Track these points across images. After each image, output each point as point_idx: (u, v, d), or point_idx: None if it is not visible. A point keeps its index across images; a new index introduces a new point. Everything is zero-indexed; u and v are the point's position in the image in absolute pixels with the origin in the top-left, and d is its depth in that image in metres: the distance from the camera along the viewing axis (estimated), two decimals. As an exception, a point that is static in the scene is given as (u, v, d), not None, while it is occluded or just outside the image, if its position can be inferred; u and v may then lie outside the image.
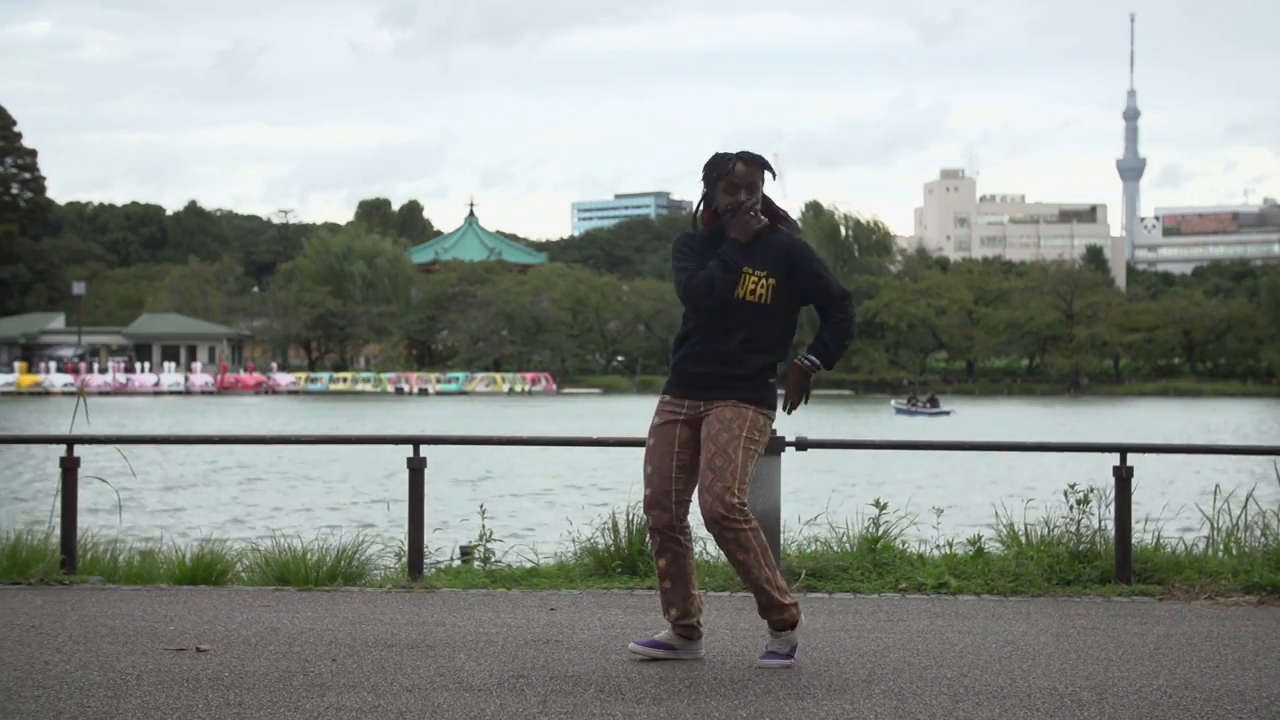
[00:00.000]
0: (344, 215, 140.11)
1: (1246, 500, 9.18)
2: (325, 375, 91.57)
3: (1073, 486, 8.56)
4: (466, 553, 9.18)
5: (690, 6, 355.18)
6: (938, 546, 9.00)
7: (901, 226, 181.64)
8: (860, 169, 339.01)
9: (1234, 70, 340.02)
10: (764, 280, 5.85)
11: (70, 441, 8.73)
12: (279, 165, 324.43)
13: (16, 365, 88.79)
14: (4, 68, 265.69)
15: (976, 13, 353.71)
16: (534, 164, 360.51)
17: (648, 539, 7.07)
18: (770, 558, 5.86)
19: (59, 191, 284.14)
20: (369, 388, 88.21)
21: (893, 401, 63.28)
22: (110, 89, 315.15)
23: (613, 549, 8.59)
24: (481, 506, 9.51)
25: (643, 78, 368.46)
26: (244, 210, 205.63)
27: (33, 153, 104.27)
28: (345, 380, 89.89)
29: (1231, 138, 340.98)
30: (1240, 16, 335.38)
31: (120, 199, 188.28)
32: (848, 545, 8.67)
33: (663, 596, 6.01)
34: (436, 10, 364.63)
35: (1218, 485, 9.57)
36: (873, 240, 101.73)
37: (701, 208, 6.01)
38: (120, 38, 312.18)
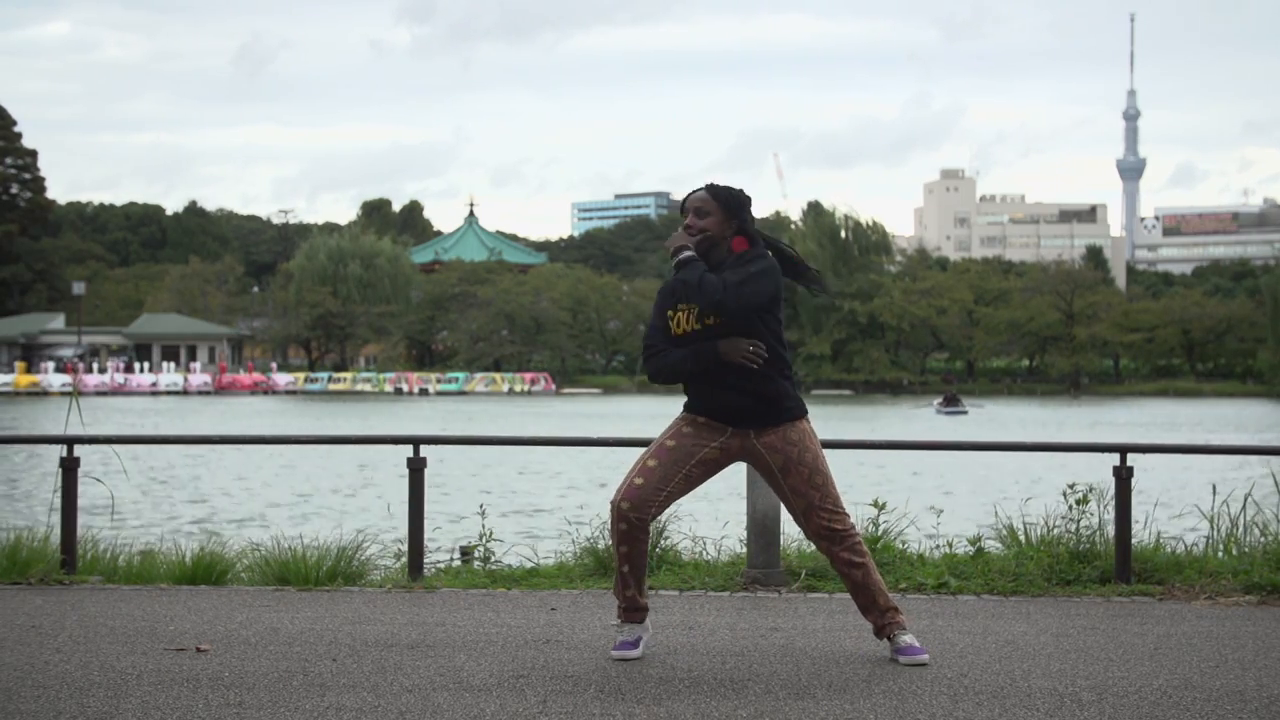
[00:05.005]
0: (351, 215, 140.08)
1: (1246, 500, 9.18)
2: (324, 375, 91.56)
3: (1072, 486, 8.55)
4: (466, 553, 9.18)
5: (710, 7, 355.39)
6: (938, 546, 9.00)
7: (902, 226, 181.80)
8: (873, 169, 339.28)
9: (1249, 69, 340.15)
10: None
11: (70, 441, 8.72)
12: (290, 165, 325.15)
13: (16, 365, 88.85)
14: (21, 69, 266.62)
15: (998, 10, 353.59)
16: (546, 163, 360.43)
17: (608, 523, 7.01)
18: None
19: (71, 192, 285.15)
20: (368, 388, 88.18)
21: (934, 402, 63.56)
22: (126, 89, 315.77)
23: (612, 549, 8.57)
24: (481, 506, 9.50)
25: (660, 77, 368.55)
26: (253, 211, 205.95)
27: (33, 153, 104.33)
28: (344, 380, 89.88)
29: (1247, 137, 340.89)
30: (1254, 15, 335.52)
31: (124, 199, 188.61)
32: (848, 545, 8.66)
33: (620, 579, 6.15)
34: (454, 5, 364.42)
35: (1216, 485, 9.57)
36: (872, 240, 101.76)
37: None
38: (139, 38, 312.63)
